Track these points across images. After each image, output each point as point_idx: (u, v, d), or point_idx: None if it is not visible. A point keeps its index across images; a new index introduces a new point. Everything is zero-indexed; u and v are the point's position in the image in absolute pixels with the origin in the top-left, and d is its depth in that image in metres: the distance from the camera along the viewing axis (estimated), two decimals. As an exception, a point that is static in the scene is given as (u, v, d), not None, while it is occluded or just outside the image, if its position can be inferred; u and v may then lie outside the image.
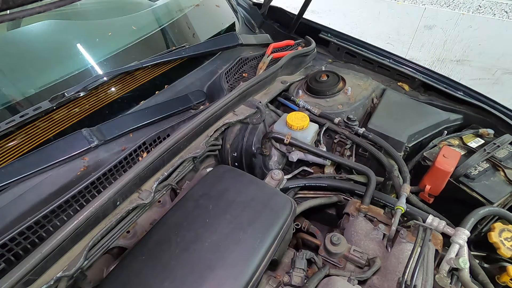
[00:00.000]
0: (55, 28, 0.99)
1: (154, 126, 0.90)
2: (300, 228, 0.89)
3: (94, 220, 0.63)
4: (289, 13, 1.47)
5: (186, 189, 0.85)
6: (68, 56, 0.97)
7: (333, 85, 1.11)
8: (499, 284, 0.73)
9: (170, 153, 0.77)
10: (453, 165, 0.82)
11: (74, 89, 0.85)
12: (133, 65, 0.96)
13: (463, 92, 1.10)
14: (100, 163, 0.79)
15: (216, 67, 1.13)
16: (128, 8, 1.29)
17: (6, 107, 0.82)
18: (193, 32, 1.24)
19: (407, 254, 0.67)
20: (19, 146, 0.77)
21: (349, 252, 0.68)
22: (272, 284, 0.65)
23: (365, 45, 1.30)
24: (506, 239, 0.71)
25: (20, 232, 0.58)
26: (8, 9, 0.49)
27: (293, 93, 1.14)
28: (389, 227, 0.73)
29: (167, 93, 1.00)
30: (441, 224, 0.71)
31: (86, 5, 1.20)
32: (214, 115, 0.86)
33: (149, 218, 0.78)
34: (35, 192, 0.70)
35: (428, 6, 4.03)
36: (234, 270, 0.55)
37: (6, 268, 0.57)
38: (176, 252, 0.58)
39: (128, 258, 0.60)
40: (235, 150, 0.97)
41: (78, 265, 0.57)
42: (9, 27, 1.02)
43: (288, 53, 1.15)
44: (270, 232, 0.61)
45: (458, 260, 0.63)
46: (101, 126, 0.83)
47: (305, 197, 0.91)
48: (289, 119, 0.93)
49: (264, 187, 0.72)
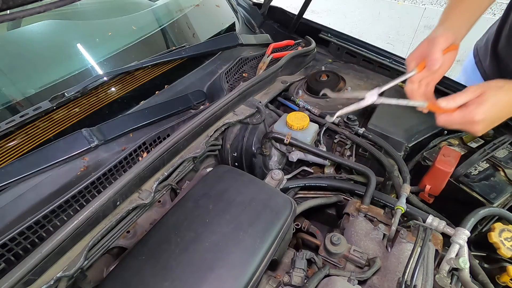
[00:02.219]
0: (55, 28, 0.99)
1: (154, 126, 0.90)
2: (300, 228, 0.89)
3: (94, 220, 0.63)
4: (289, 13, 1.47)
5: (186, 189, 0.85)
6: (68, 56, 0.97)
7: (333, 85, 1.11)
8: (499, 284, 0.73)
9: (170, 153, 0.77)
10: (453, 165, 0.82)
11: (74, 89, 0.85)
12: (133, 65, 0.96)
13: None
14: (100, 163, 0.79)
15: (216, 67, 1.13)
16: (128, 8, 1.29)
17: (6, 107, 0.82)
18: (193, 32, 1.24)
19: (407, 254, 0.67)
20: (19, 146, 0.77)
21: (349, 252, 0.68)
22: (272, 284, 0.65)
23: (365, 45, 1.30)
24: (506, 239, 0.71)
25: (20, 232, 0.58)
26: (8, 9, 0.49)
27: (293, 93, 1.14)
28: (389, 227, 0.73)
29: (167, 93, 1.00)
30: (441, 224, 0.71)
31: (86, 5, 1.20)
32: (214, 115, 0.86)
33: (149, 218, 0.78)
34: (35, 192, 0.70)
35: (428, 6, 4.02)
36: (234, 270, 0.55)
37: (6, 268, 0.57)
38: (176, 252, 0.58)
39: (128, 258, 0.60)
40: (235, 150, 0.97)
41: (78, 265, 0.57)
42: (9, 27, 1.02)
43: (288, 53, 1.15)
44: (270, 232, 0.61)
45: (458, 260, 0.63)
46: (101, 126, 0.83)
47: (305, 197, 0.91)
48: (289, 119, 0.93)
49: (264, 187, 0.72)
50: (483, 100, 0.59)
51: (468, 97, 0.61)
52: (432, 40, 0.66)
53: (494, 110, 0.60)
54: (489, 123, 0.62)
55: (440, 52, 0.63)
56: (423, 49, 0.67)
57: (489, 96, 0.59)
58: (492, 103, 0.59)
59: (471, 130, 0.63)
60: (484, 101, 0.59)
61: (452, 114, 0.62)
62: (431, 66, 0.64)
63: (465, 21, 0.69)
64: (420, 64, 0.67)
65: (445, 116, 0.63)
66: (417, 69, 0.67)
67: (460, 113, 0.62)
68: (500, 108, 0.60)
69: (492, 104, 0.59)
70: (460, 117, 0.62)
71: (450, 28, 0.68)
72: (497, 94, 0.59)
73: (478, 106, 0.59)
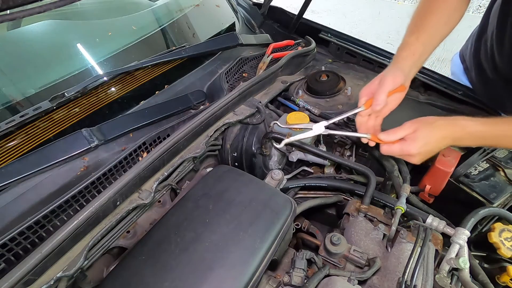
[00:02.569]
0: (55, 28, 0.99)
1: (154, 126, 0.90)
2: (300, 228, 0.89)
3: (94, 220, 0.63)
4: (289, 13, 1.47)
5: (186, 189, 0.85)
6: (68, 56, 0.97)
7: (333, 85, 1.11)
8: (499, 284, 0.73)
9: (170, 153, 0.77)
10: (453, 165, 0.82)
11: (74, 89, 0.85)
12: (133, 65, 0.96)
13: (463, 92, 1.10)
14: (100, 163, 0.79)
15: (216, 67, 1.13)
16: (128, 8, 1.29)
17: (6, 107, 0.82)
18: (193, 32, 1.24)
19: (407, 254, 0.67)
20: (19, 146, 0.77)
21: (349, 252, 0.68)
22: (272, 284, 0.65)
23: (365, 45, 1.30)
24: (506, 239, 0.71)
25: (20, 232, 0.58)
26: (8, 9, 0.49)
27: (293, 93, 1.14)
28: (389, 227, 0.73)
29: (167, 93, 1.00)
30: (441, 224, 0.71)
31: (86, 5, 1.20)
32: (214, 115, 0.86)
33: (149, 218, 0.78)
34: (35, 192, 0.70)
35: (428, 6, 3.99)
36: (234, 270, 0.55)
37: (6, 268, 0.57)
38: (176, 252, 0.58)
39: (128, 258, 0.60)
40: (235, 150, 0.97)
41: (78, 265, 0.57)
42: (9, 27, 1.02)
43: (288, 53, 1.15)
44: (270, 232, 0.61)
45: (458, 260, 0.63)
46: (101, 126, 0.83)
47: (305, 197, 0.91)
48: (289, 119, 0.93)
49: (264, 187, 0.72)
50: (416, 137, 0.66)
51: (405, 132, 0.68)
52: (382, 80, 0.71)
53: (426, 145, 0.67)
54: (424, 156, 0.69)
55: (385, 94, 0.69)
56: (374, 87, 0.72)
57: (421, 133, 0.66)
58: (424, 140, 0.66)
59: (409, 160, 0.71)
60: (417, 137, 0.66)
61: (392, 146, 0.70)
62: (375, 106, 0.70)
63: (415, 63, 0.74)
64: (367, 102, 0.72)
65: (386, 147, 0.71)
66: (364, 106, 0.73)
67: (399, 146, 0.69)
68: (432, 144, 0.67)
69: (425, 141, 0.66)
70: (398, 149, 0.69)
71: (400, 69, 0.72)
72: (429, 131, 0.67)
73: (412, 142, 0.67)
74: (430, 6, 0.77)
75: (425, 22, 0.75)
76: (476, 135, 0.68)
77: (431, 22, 0.75)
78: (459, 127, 0.68)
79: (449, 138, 0.68)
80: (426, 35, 0.74)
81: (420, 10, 0.78)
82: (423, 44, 0.73)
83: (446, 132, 0.67)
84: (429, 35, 0.74)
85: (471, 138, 0.69)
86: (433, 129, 0.67)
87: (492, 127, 0.68)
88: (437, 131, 0.67)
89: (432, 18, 0.75)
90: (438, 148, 0.69)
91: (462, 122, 0.68)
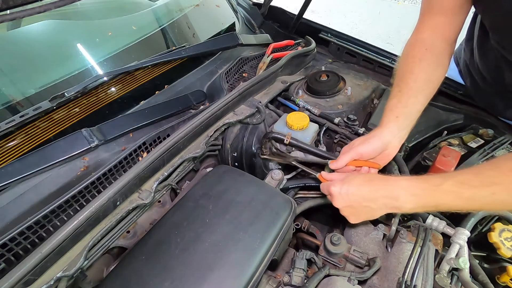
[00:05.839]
0: (55, 28, 0.99)
1: (154, 126, 0.90)
2: (300, 228, 0.89)
3: (94, 220, 0.63)
4: (289, 13, 1.47)
5: (186, 189, 0.85)
6: (68, 56, 0.97)
7: (333, 85, 1.11)
8: (499, 284, 0.73)
9: (170, 153, 0.77)
10: (453, 165, 0.82)
11: (74, 89, 0.85)
12: (133, 65, 0.96)
13: (463, 92, 1.10)
14: (100, 163, 0.79)
15: (216, 67, 1.13)
16: (128, 8, 1.29)
17: (6, 107, 0.82)
18: (193, 32, 1.24)
19: (407, 254, 0.67)
20: (19, 146, 0.77)
21: (349, 252, 0.68)
22: (272, 284, 0.65)
23: (365, 45, 1.30)
24: (506, 239, 0.71)
25: (20, 232, 0.58)
26: (8, 9, 0.50)
27: (293, 93, 1.14)
28: (389, 227, 0.73)
29: (167, 93, 1.00)
30: (441, 224, 0.71)
31: (86, 5, 1.20)
32: (214, 115, 0.86)
33: (149, 218, 0.78)
34: (35, 192, 0.70)
35: (428, 6, 3.99)
36: (234, 270, 0.55)
37: (6, 268, 0.57)
38: (176, 252, 0.58)
39: (128, 258, 0.60)
40: (235, 150, 0.97)
41: (78, 265, 0.57)
42: (9, 27, 1.02)
43: (288, 53, 1.15)
44: (270, 232, 0.61)
45: (458, 260, 0.63)
46: (101, 126, 0.83)
47: (305, 197, 0.91)
48: (289, 119, 0.93)
49: (264, 187, 0.72)
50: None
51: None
52: (359, 146, 0.71)
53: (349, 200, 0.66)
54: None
55: (347, 160, 0.71)
56: (351, 145, 0.73)
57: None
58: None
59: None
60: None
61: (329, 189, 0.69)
62: (331, 165, 0.74)
63: (400, 126, 0.71)
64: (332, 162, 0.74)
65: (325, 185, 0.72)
66: (330, 163, 0.75)
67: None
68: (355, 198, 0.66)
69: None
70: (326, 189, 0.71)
71: (382, 137, 0.71)
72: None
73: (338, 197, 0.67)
74: (408, 65, 0.73)
75: (406, 83, 0.71)
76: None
77: (411, 83, 0.71)
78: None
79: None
80: (407, 97, 0.70)
81: (399, 71, 0.75)
82: (406, 106, 0.70)
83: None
84: (410, 96, 0.71)
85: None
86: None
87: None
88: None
89: (412, 78, 0.71)
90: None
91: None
